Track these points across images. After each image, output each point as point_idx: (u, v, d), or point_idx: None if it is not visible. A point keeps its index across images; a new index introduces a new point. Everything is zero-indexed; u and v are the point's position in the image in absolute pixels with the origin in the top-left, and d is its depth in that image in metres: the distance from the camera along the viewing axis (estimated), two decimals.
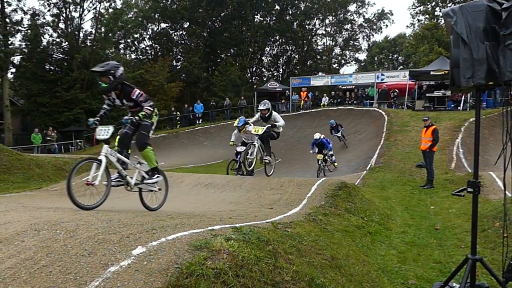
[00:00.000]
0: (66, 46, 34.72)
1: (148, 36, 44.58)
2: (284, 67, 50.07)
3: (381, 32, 57.20)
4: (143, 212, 4.86)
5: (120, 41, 40.40)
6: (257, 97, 31.02)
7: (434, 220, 7.12)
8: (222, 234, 3.11)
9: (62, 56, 34.96)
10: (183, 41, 45.85)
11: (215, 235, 3.06)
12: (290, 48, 49.02)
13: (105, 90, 4.94)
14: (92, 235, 2.76)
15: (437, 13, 37.14)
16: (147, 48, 45.46)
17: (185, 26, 44.44)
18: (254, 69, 48.42)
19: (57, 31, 34.39)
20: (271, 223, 4.23)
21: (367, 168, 13.57)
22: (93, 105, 30.27)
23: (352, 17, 49.10)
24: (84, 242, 2.62)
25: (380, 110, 21.79)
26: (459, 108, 21.41)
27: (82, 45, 34.41)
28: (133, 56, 44.70)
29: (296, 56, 49.32)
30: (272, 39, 47.46)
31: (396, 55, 55.88)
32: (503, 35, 2.89)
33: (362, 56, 56.07)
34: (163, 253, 2.54)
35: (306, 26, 47.59)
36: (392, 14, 52.86)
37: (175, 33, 45.61)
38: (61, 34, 34.49)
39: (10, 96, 31.29)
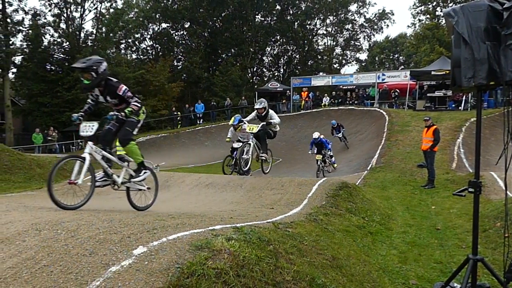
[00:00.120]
0: (67, 46, 34.76)
1: (149, 36, 44.65)
2: (285, 67, 50.09)
3: (382, 32, 57.21)
4: (144, 212, 4.87)
5: (121, 41, 40.41)
6: (258, 97, 31.06)
7: (435, 220, 7.12)
8: (223, 234, 3.11)
9: (63, 56, 35.00)
10: (184, 41, 45.88)
11: (216, 235, 3.06)
12: (291, 48, 49.04)
13: (88, 87, 4.68)
14: (93, 235, 2.76)
15: (438, 13, 37.06)
16: (148, 48, 45.55)
17: (186, 26, 44.47)
18: (255, 69, 48.43)
19: (58, 31, 34.46)
20: (272, 223, 4.23)
21: (368, 168, 13.56)
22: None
23: (353, 17, 49.17)
24: (85, 242, 2.63)
25: (381, 110, 21.78)
26: (460, 108, 21.40)
27: (83, 45, 34.44)
28: (134, 56, 44.82)
29: (297, 56, 49.34)
30: (273, 39, 47.48)
31: (397, 55, 55.90)
32: (504, 35, 2.89)
33: (363, 56, 56.14)
34: (164, 253, 2.54)
35: (307, 26, 47.59)
36: (393, 14, 52.76)
37: (176, 33, 45.65)
38: (62, 34, 34.53)
39: (11, 96, 31.36)
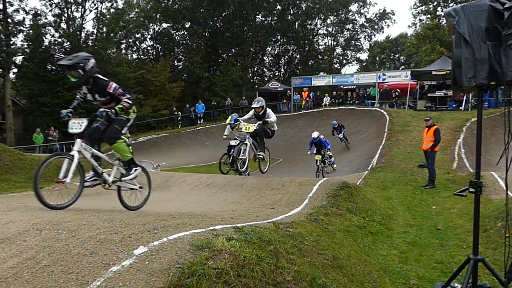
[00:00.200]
0: (68, 46, 34.74)
1: (149, 36, 44.67)
2: (285, 67, 50.08)
3: (382, 32, 57.13)
4: (145, 212, 4.87)
5: (121, 41, 40.37)
6: (258, 97, 31.06)
7: (436, 220, 7.11)
8: (224, 234, 3.11)
9: (64, 56, 35.02)
10: (184, 41, 45.88)
11: (217, 235, 3.06)
12: (292, 48, 49.02)
13: (75, 85, 4.49)
14: (94, 234, 2.76)
15: (438, 13, 37.05)
16: (149, 48, 45.54)
17: (187, 26, 44.46)
18: (255, 69, 48.43)
19: (59, 31, 34.47)
20: (273, 223, 4.22)
21: (369, 168, 13.55)
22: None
23: (353, 17, 49.16)
24: (86, 241, 2.63)
25: (382, 110, 21.76)
26: (460, 108, 21.39)
27: (84, 45, 34.43)
28: (134, 56, 44.82)
29: (298, 56, 49.33)
30: (273, 39, 47.45)
31: (397, 55, 55.89)
32: (505, 35, 2.88)
33: (364, 56, 56.21)
34: (165, 253, 2.54)
35: (308, 26, 47.57)
36: (393, 14, 52.67)
37: (177, 33, 45.65)
38: (62, 34, 34.55)
39: (12, 96, 31.38)
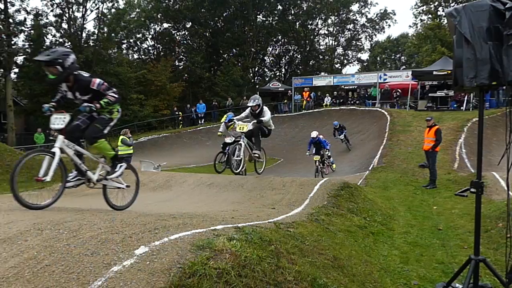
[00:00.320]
0: (69, 46, 34.75)
1: (150, 36, 44.69)
2: (286, 67, 50.06)
3: (383, 32, 56.89)
4: (146, 212, 4.86)
5: (122, 41, 40.42)
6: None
7: (437, 221, 7.10)
8: (225, 234, 3.11)
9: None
10: (185, 41, 45.89)
11: (218, 235, 3.06)
12: (293, 48, 48.99)
13: (53, 82, 4.20)
14: (95, 234, 2.77)
15: (440, 13, 36.96)
16: (150, 48, 45.56)
17: (188, 26, 44.48)
18: (256, 69, 48.41)
19: (60, 31, 34.55)
20: (274, 223, 4.22)
21: (370, 168, 13.54)
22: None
23: (354, 17, 49.05)
24: (87, 241, 2.63)
25: (383, 110, 21.75)
26: (462, 108, 21.36)
27: (85, 45, 34.51)
28: (135, 56, 44.80)
29: (299, 56, 49.31)
30: (274, 39, 47.44)
31: (398, 55, 55.80)
32: (507, 35, 2.88)
33: (365, 56, 56.05)
34: (166, 252, 2.54)
35: (309, 26, 47.54)
36: (394, 14, 52.84)
37: (178, 33, 45.67)
38: (64, 34, 34.63)
39: (13, 96, 31.40)
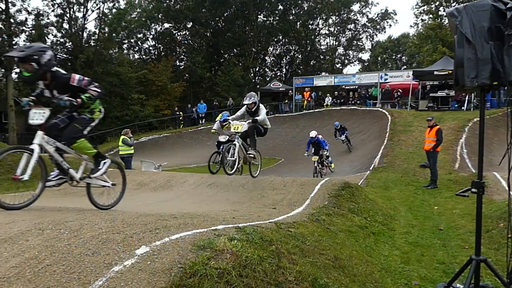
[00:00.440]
0: (70, 46, 34.88)
1: (151, 36, 44.72)
2: (287, 67, 50.08)
3: (384, 32, 56.92)
4: (146, 212, 4.86)
5: (123, 41, 40.46)
6: (260, 97, 31.03)
7: (438, 221, 7.10)
8: (226, 234, 3.11)
9: (66, 56, 35.10)
10: (186, 41, 45.92)
11: (219, 235, 3.06)
12: (293, 48, 49.00)
13: (28, 80, 3.96)
14: (96, 234, 2.77)
15: (441, 13, 36.94)
16: (151, 48, 45.59)
17: (189, 26, 44.50)
18: (257, 69, 48.43)
19: (61, 31, 34.56)
20: (274, 223, 4.22)
21: (371, 168, 13.54)
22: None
23: (355, 17, 49.08)
24: (88, 241, 2.63)
25: (384, 110, 21.75)
26: (463, 108, 21.34)
27: (86, 45, 34.55)
28: (136, 56, 44.88)
29: (299, 56, 49.31)
30: (275, 39, 47.45)
31: (399, 55, 55.77)
32: (508, 35, 2.88)
33: (366, 56, 56.05)
34: (167, 252, 2.54)
35: (309, 26, 47.54)
36: (395, 14, 52.89)
37: (179, 33, 45.69)
38: (65, 34, 34.65)
39: (14, 96, 31.41)
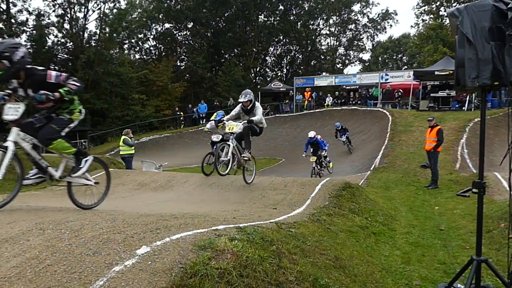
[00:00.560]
0: (70, 47, 34.94)
1: (152, 36, 44.76)
2: (288, 67, 50.10)
3: (385, 32, 57.06)
4: (147, 212, 4.86)
5: (124, 41, 40.50)
6: (261, 97, 31.07)
7: (439, 221, 7.09)
8: (226, 234, 3.11)
9: (67, 56, 35.21)
10: (187, 41, 45.95)
11: (219, 235, 3.06)
12: (294, 48, 49.03)
13: (0, 79, 3.80)
14: (97, 234, 2.77)
15: (441, 13, 36.93)
16: (151, 48, 45.63)
17: (189, 26, 44.53)
18: (258, 69, 48.47)
19: (62, 31, 34.63)
20: (275, 223, 4.22)
21: (371, 169, 13.53)
22: (98, 105, 30.49)
23: (356, 17, 49.15)
24: (89, 241, 2.63)
25: (384, 110, 21.74)
26: (463, 108, 21.31)
27: (87, 45, 34.60)
28: (137, 56, 44.95)
29: (300, 56, 49.33)
30: (276, 39, 47.49)
31: (400, 55, 55.70)
32: (509, 35, 2.88)
33: (366, 56, 56.03)
34: (167, 252, 2.55)
35: (310, 26, 47.58)
36: (396, 14, 52.93)
37: (179, 33, 45.72)
38: (65, 34, 34.71)
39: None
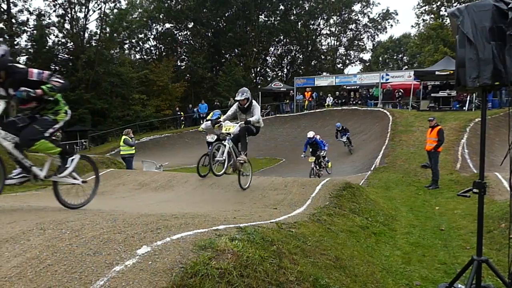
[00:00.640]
0: (71, 47, 34.96)
1: (152, 36, 44.78)
2: (288, 67, 50.11)
3: (385, 32, 57.03)
4: (148, 212, 4.86)
5: (124, 41, 40.55)
6: (261, 97, 31.07)
7: (439, 221, 7.08)
8: (227, 234, 3.11)
9: (67, 56, 35.22)
10: (187, 41, 45.96)
11: (220, 235, 3.06)
12: (295, 48, 49.04)
13: None
14: (97, 234, 2.77)
15: (442, 13, 36.96)
16: (152, 48, 45.65)
17: (190, 26, 44.55)
18: (258, 69, 48.49)
19: (63, 31, 34.67)
20: (276, 223, 4.22)
21: (372, 169, 13.52)
22: (98, 105, 30.57)
23: (356, 17, 49.17)
24: (89, 241, 2.63)
25: (385, 110, 21.72)
26: (464, 108, 21.30)
27: (87, 45, 34.62)
28: (137, 56, 44.99)
29: (301, 56, 49.35)
30: (276, 39, 47.50)
31: (401, 55, 55.69)
32: (510, 35, 2.87)
33: (367, 56, 56.01)
34: (168, 252, 2.55)
35: (311, 26, 47.59)
36: (397, 14, 52.87)
37: (180, 33, 45.73)
38: (66, 34, 34.74)
39: None
